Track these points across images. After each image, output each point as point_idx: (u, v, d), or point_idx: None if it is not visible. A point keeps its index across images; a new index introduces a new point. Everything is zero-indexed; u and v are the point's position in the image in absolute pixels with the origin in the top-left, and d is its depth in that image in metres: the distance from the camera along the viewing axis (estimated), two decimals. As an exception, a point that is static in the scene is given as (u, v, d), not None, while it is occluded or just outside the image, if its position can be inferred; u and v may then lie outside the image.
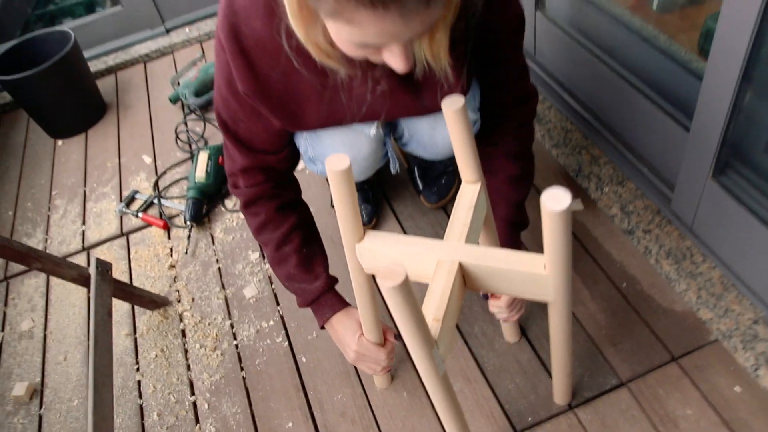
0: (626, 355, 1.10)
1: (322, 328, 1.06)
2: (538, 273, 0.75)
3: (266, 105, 0.87)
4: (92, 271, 1.25)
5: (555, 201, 0.63)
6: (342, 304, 1.05)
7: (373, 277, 0.92)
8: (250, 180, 0.99)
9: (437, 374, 0.77)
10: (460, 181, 1.44)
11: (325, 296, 1.04)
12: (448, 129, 0.81)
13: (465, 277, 0.82)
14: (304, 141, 1.05)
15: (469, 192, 0.89)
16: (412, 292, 0.64)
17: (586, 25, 1.41)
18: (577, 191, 1.38)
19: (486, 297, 1.08)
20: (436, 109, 0.92)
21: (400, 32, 0.62)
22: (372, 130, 1.03)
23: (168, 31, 2.27)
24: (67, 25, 2.21)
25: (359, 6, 0.57)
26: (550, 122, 1.51)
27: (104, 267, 1.27)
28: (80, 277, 1.26)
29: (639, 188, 1.29)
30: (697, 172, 1.10)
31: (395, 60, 0.68)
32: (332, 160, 0.73)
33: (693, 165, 1.10)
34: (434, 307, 0.76)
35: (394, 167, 1.16)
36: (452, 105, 0.77)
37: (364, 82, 0.86)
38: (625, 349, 1.11)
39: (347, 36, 0.64)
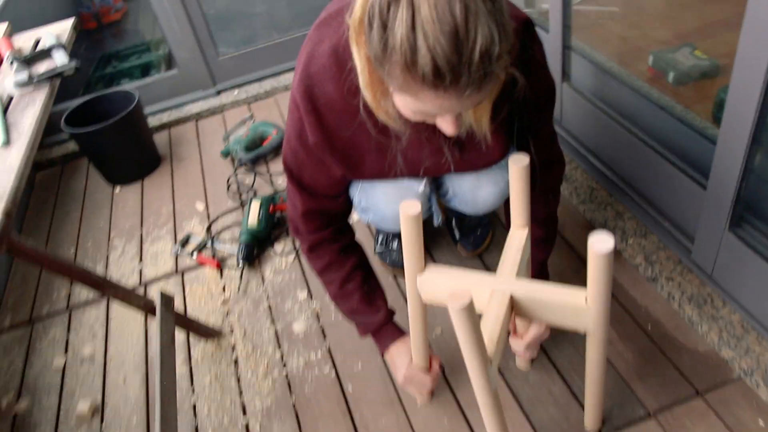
0: (653, 389, 1.19)
1: (382, 355, 1.18)
2: (580, 306, 0.86)
3: (331, 155, 1.01)
4: (157, 301, 1.36)
5: (601, 243, 0.76)
6: (400, 333, 1.17)
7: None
8: (311, 225, 1.12)
9: (490, 389, 0.88)
10: (493, 233, 1.58)
11: (386, 327, 1.17)
12: (510, 180, 0.94)
13: (514, 307, 0.93)
14: (358, 194, 1.19)
15: (519, 235, 1.02)
16: (475, 314, 0.76)
17: (607, 94, 1.57)
18: (603, 243, 1.50)
19: (508, 333, 1.18)
20: (474, 162, 1.05)
21: (454, 107, 0.74)
22: (420, 187, 1.17)
23: (218, 92, 2.47)
24: (128, 85, 2.42)
25: (424, 87, 0.69)
26: (577, 181, 1.65)
27: (168, 298, 1.39)
28: (146, 306, 1.37)
29: (661, 240, 1.41)
30: (714, 226, 1.22)
31: (446, 126, 0.81)
32: (405, 205, 0.86)
33: (710, 219, 1.23)
34: (489, 330, 0.87)
35: (437, 220, 1.30)
36: (518, 162, 0.91)
37: (419, 144, 1.00)
38: (652, 384, 1.20)
39: (411, 106, 0.76)
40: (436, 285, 0.97)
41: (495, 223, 1.62)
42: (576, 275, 1.44)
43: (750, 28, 0.99)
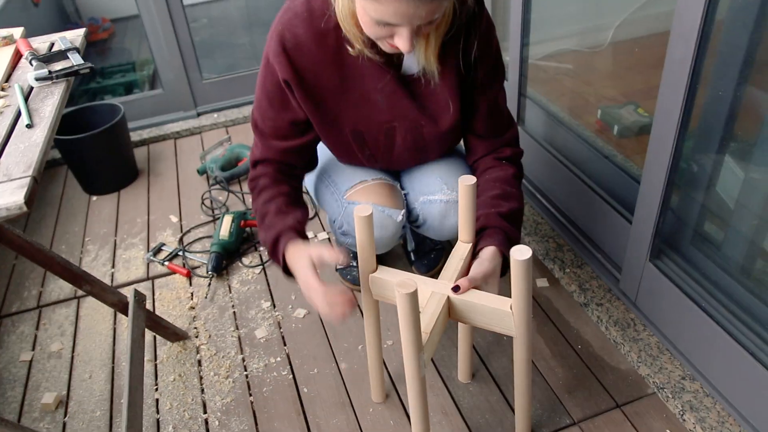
0: (579, 401, 1.33)
1: (284, 266, 1.12)
2: (505, 311, 1.00)
3: (298, 91, 1.11)
4: (131, 298, 1.46)
5: (520, 254, 0.91)
6: (300, 240, 1.11)
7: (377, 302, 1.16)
8: (266, 165, 1.22)
9: (420, 373, 1.00)
10: (446, 257, 1.72)
11: (286, 235, 1.12)
12: (459, 200, 1.08)
13: (450, 309, 1.06)
14: (340, 218, 1.32)
15: (463, 248, 1.16)
16: (417, 301, 0.89)
17: (557, 140, 1.76)
18: (544, 271, 1.66)
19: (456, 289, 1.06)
20: (429, 112, 1.17)
21: (411, 14, 0.89)
22: (399, 216, 1.30)
23: (199, 114, 2.60)
24: (112, 100, 2.52)
25: None
26: (525, 216, 1.81)
27: (140, 297, 1.48)
28: (119, 303, 1.46)
29: (594, 270, 1.57)
30: (637, 257, 1.39)
31: (402, 42, 0.95)
32: (359, 208, 1.00)
33: (635, 251, 1.39)
34: (425, 323, 1.00)
35: (410, 245, 1.43)
36: (466, 181, 1.05)
37: (375, 79, 1.12)
38: (578, 397, 1.34)
39: (372, 13, 0.91)
40: (384, 283, 1.09)
41: (448, 249, 1.76)
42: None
43: (665, 92, 1.18)
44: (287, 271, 1.14)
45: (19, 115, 1.01)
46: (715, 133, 1.21)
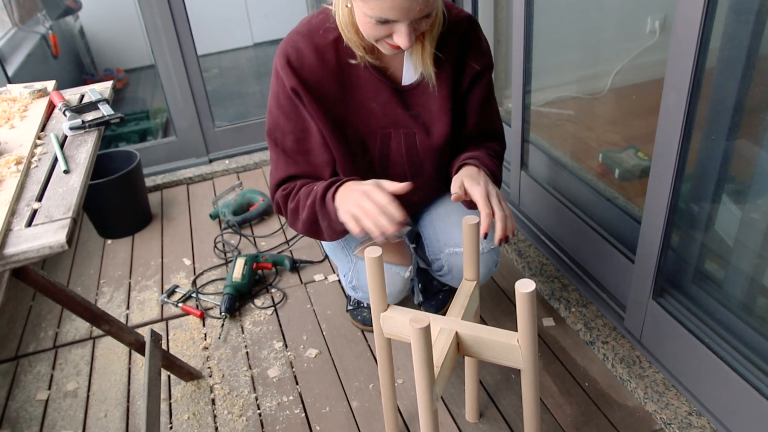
0: (587, 438, 1.35)
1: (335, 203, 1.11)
2: (512, 344, 1.04)
3: (306, 99, 1.17)
4: (147, 338, 1.50)
5: (524, 286, 0.95)
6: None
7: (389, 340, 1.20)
8: (294, 182, 1.25)
9: (432, 406, 1.03)
10: (451, 297, 1.76)
11: (336, 181, 1.16)
12: (463, 239, 1.13)
13: (459, 344, 1.10)
14: (350, 273, 1.37)
15: (468, 285, 1.21)
16: (430, 336, 0.93)
17: (560, 184, 1.82)
18: (550, 311, 1.69)
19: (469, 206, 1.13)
20: (421, 119, 1.23)
21: (408, 8, 0.96)
22: (407, 273, 1.35)
23: (211, 161, 2.68)
24: (127, 147, 2.61)
25: None
26: (530, 257, 1.86)
27: (156, 337, 1.52)
28: (136, 343, 1.50)
29: (599, 309, 1.61)
30: (641, 295, 1.43)
31: (401, 38, 1.02)
32: (370, 250, 1.05)
33: (638, 290, 1.43)
34: (435, 358, 1.03)
35: (417, 299, 1.47)
36: (469, 221, 1.10)
37: (372, 90, 1.18)
38: (587, 433, 1.36)
39: (370, 12, 0.99)
40: (395, 321, 1.13)
41: (455, 290, 1.80)
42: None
43: (661, 137, 1.24)
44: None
45: (55, 161, 1.08)
46: (711, 175, 1.27)
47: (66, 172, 1.03)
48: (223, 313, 1.80)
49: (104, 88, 1.33)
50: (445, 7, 1.16)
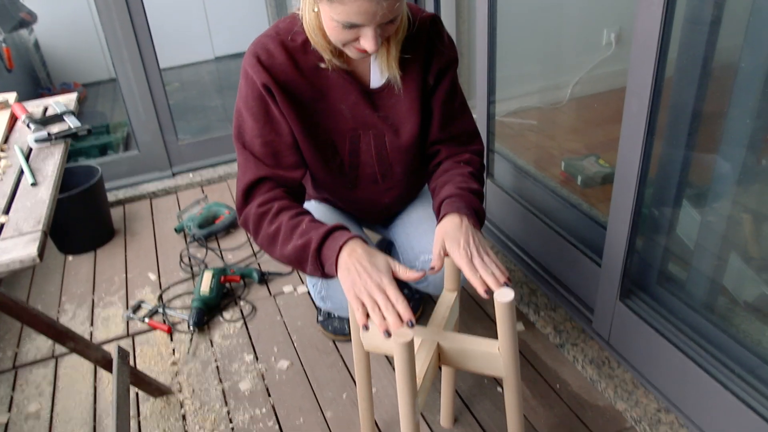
0: (561, 439, 1.37)
1: (336, 262, 1.03)
2: (494, 353, 1.05)
3: (278, 98, 1.16)
4: (114, 354, 1.46)
5: (503, 296, 0.96)
6: (352, 234, 1.06)
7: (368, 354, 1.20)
8: (264, 188, 1.17)
9: (414, 418, 1.04)
10: (423, 306, 1.77)
11: (337, 232, 1.07)
12: (446, 263, 1.14)
13: (440, 355, 1.10)
14: (319, 283, 1.35)
15: (449, 297, 1.21)
16: (413, 349, 0.93)
17: (525, 191, 1.85)
18: (519, 316, 1.72)
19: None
20: (390, 120, 1.24)
21: (374, 12, 0.98)
22: None
23: (174, 174, 2.64)
24: (88, 161, 2.56)
25: None
26: (499, 263, 1.89)
27: (124, 353, 1.48)
28: (103, 360, 1.46)
29: (568, 313, 1.64)
30: (608, 297, 1.46)
31: (368, 42, 1.03)
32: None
33: (605, 292, 1.47)
34: (417, 369, 1.04)
35: None
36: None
37: (341, 91, 1.19)
38: (560, 435, 1.38)
39: (337, 16, 1.00)
40: (374, 334, 1.13)
41: (426, 296, 1.81)
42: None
43: (624, 144, 1.29)
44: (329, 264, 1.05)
45: (21, 174, 1.05)
46: (672, 180, 1.32)
47: (33, 184, 1.01)
48: (191, 327, 1.76)
49: (69, 100, 1.31)
50: (409, 11, 1.18)
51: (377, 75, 1.22)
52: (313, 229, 1.08)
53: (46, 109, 1.31)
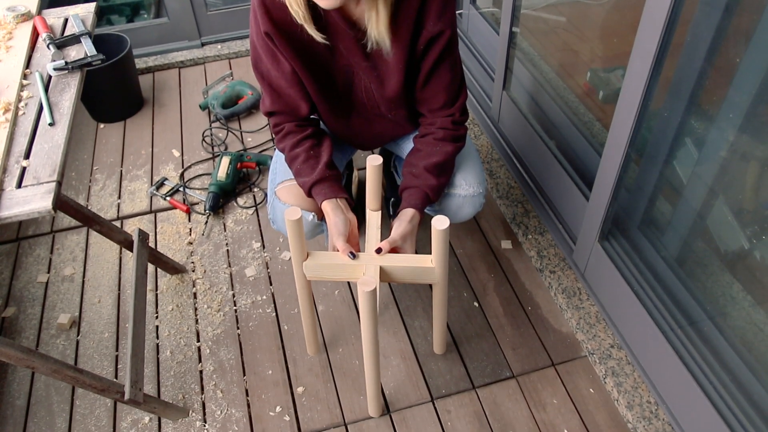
0: (520, 357, 1.53)
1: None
2: (428, 266, 1.19)
3: (280, 43, 1.22)
4: (135, 237, 1.63)
5: (440, 223, 1.11)
6: (332, 193, 1.28)
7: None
8: (278, 118, 1.34)
9: (376, 349, 1.19)
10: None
11: (318, 186, 1.29)
12: (367, 175, 1.26)
13: (382, 273, 1.21)
14: (269, 206, 1.44)
15: (375, 216, 1.32)
16: (377, 296, 1.07)
17: (539, 105, 1.85)
18: (509, 234, 1.82)
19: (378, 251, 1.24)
20: (377, 71, 1.27)
21: None
22: (309, 216, 1.39)
23: (203, 44, 2.67)
24: (119, 27, 2.59)
25: None
26: (500, 178, 1.95)
27: (144, 236, 1.65)
28: (125, 241, 1.64)
29: (554, 239, 1.73)
30: (589, 234, 1.54)
31: None
32: (289, 212, 1.14)
33: (588, 228, 1.54)
34: None
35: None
36: (373, 161, 1.24)
37: (338, 35, 1.22)
38: (521, 353, 1.53)
39: None
40: (318, 266, 1.24)
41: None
42: (483, 261, 1.75)
43: (632, 70, 1.26)
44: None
45: (41, 109, 1.13)
46: (677, 109, 1.25)
47: (51, 124, 1.10)
48: (207, 211, 1.92)
49: (87, 12, 1.34)
50: None
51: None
52: (300, 174, 1.31)
53: (65, 23, 1.35)
